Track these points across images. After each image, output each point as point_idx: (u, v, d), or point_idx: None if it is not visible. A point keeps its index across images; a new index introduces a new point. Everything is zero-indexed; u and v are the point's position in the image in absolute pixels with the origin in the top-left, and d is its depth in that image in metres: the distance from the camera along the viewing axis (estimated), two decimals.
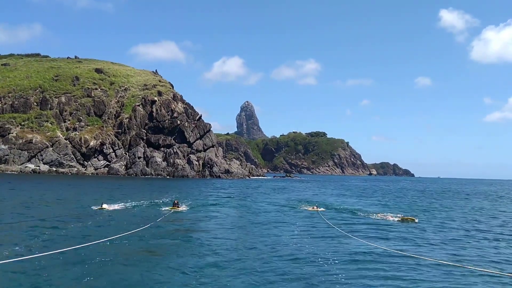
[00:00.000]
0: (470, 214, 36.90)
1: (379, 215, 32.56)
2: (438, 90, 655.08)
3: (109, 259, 14.58)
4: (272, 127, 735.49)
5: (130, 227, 20.73)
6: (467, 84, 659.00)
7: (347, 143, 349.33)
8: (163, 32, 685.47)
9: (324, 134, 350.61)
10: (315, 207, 36.06)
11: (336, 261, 15.69)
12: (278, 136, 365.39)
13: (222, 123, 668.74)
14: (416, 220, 29.12)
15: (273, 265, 14.86)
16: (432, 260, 15.97)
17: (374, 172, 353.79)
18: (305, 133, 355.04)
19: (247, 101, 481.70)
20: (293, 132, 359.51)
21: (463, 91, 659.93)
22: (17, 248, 15.57)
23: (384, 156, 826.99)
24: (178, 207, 30.52)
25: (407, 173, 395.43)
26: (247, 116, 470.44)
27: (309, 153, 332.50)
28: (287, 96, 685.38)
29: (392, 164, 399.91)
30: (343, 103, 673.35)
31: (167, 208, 30.36)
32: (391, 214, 32.37)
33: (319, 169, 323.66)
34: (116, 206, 30.47)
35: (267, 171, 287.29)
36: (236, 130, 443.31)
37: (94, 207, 28.96)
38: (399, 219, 29.49)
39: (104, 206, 28.88)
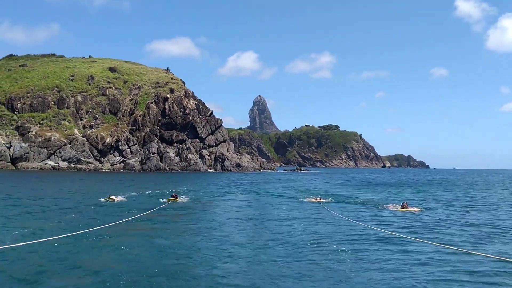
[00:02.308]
0: None
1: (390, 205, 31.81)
2: (454, 80, 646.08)
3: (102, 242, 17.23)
4: (286, 121, 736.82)
5: (131, 214, 23.48)
6: (483, 74, 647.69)
7: (360, 135, 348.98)
8: (178, 28, 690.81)
9: (337, 127, 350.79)
10: (318, 198, 35.33)
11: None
12: (290, 130, 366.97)
13: (237, 118, 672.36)
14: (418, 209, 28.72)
15: (270, 252, 17.26)
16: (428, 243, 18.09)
17: (388, 164, 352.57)
18: (318, 126, 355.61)
19: (260, 96, 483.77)
20: (306, 125, 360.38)
21: (479, 81, 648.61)
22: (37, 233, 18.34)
23: (398, 148, 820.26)
24: (176, 199, 32.39)
25: (422, 164, 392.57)
26: (259, 111, 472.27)
27: (322, 146, 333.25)
28: (301, 90, 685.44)
29: (407, 156, 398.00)
30: (358, 95, 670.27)
31: (165, 200, 32.34)
32: (397, 204, 31.28)
33: (332, 162, 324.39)
34: (121, 198, 33.06)
35: (280, 165, 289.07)
36: (249, 124, 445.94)
37: (101, 199, 31.65)
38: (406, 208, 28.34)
39: (112, 197, 31.60)
